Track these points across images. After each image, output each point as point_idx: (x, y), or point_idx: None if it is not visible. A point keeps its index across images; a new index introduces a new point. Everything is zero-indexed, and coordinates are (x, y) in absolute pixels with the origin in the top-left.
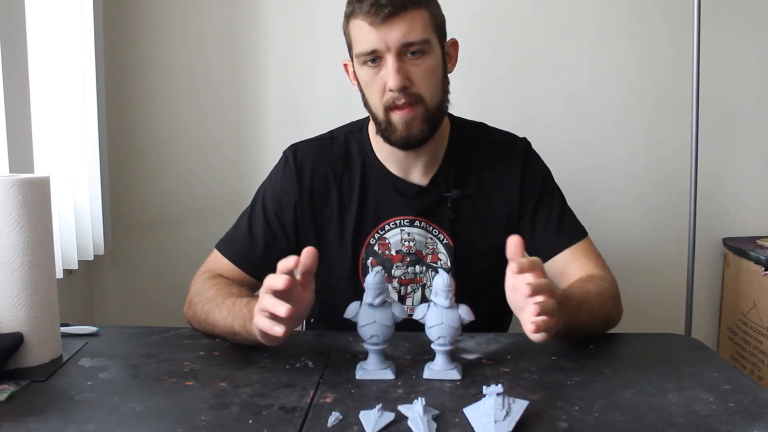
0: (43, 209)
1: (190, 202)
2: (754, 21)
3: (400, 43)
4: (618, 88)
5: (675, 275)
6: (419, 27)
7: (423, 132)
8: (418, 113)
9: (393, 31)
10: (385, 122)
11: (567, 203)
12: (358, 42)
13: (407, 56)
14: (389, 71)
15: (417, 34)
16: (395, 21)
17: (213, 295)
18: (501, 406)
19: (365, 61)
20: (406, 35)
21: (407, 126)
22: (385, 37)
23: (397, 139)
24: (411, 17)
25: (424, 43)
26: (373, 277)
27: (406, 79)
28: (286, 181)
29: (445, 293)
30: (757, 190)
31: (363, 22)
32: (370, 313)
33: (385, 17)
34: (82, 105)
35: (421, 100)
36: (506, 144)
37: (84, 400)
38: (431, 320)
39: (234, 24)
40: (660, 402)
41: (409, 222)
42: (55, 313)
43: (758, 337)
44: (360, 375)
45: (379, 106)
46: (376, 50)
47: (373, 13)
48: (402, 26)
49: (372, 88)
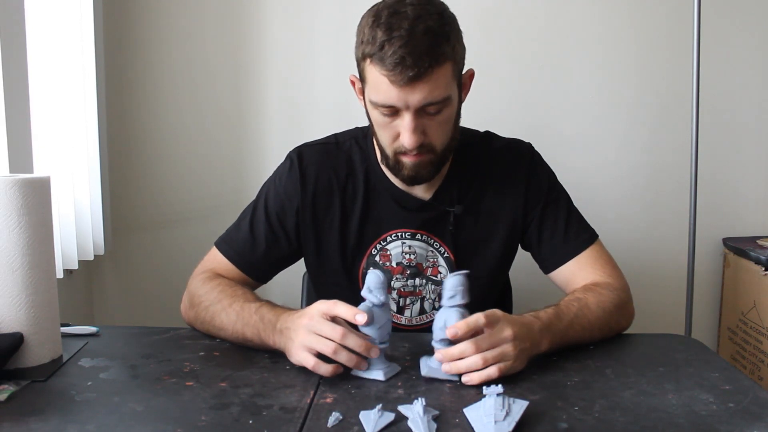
0: (43, 209)
1: (190, 202)
2: (754, 21)
3: (422, 104)
4: (618, 88)
5: (675, 275)
6: (442, 86)
7: (430, 173)
8: (427, 159)
9: (415, 93)
10: (394, 161)
11: (574, 206)
12: (375, 90)
13: (425, 112)
14: (406, 129)
15: (439, 93)
16: (418, 83)
17: (217, 297)
18: (501, 406)
19: (379, 108)
20: (428, 97)
21: (416, 168)
22: (406, 98)
23: (404, 177)
24: (435, 77)
25: (444, 100)
26: (376, 277)
27: (422, 134)
28: (290, 184)
29: (460, 294)
30: (757, 190)
31: (383, 76)
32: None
33: (409, 80)
34: (82, 105)
35: (433, 149)
36: (510, 152)
37: (84, 400)
38: (438, 321)
39: (234, 24)
40: (660, 402)
41: (411, 235)
42: (55, 313)
43: (758, 337)
44: (354, 371)
45: (389, 147)
46: (394, 106)
47: (398, 74)
48: (425, 88)
49: (384, 131)
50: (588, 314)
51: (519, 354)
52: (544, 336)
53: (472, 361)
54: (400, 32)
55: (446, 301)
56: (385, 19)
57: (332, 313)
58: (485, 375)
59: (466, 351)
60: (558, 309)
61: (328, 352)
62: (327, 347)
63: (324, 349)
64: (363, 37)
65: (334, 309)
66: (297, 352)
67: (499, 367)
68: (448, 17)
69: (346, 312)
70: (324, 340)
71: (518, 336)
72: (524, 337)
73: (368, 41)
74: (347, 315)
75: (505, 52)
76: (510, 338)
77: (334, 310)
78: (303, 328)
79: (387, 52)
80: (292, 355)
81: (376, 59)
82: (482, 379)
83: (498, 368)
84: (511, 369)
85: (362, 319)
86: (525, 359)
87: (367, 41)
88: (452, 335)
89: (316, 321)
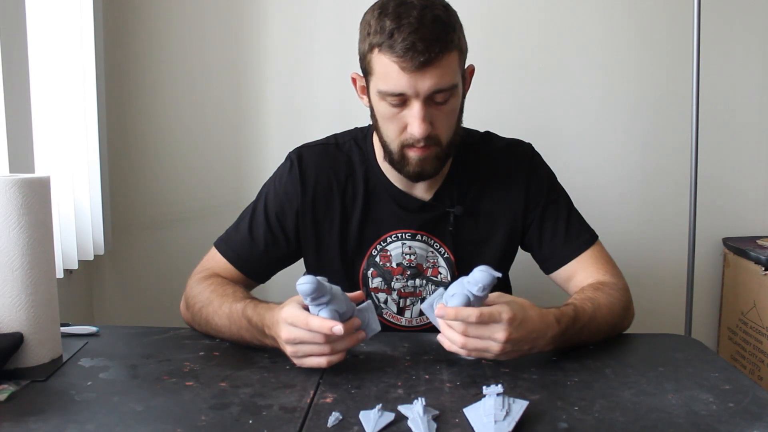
0: (43, 209)
1: (190, 202)
2: (755, 21)
3: (431, 91)
4: (618, 89)
5: (675, 275)
6: (451, 72)
7: (435, 169)
8: (433, 152)
9: (426, 79)
10: (399, 156)
11: (574, 207)
12: (383, 79)
13: (434, 101)
14: (415, 118)
15: (448, 80)
16: (428, 69)
17: (208, 298)
18: (501, 406)
19: (387, 98)
20: (438, 83)
21: (421, 163)
22: (416, 84)
23: (408, 173)
24: (445, 63)
25: (453, 87)
26: (302, 287)
27: (429, 124)
28: (290, 186)
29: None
30: (757, 190)
31: (393, 63)
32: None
33: (420, 65)
34: (82, 105)
35: (439, 142)
36: (511, 152)
37: (84, 400)
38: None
39: (234, 24)
40: (660, 402)
41: (411, 236)
42: (55, 313)
43: (758, 337)
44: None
45: (394, 141)
46: (403, 94)
47: (408, 59)
48: (435, 74)
49: (390, 124)
50: (599, 317)
51: (503, 354)
52: (553, 342)
53: (454, 338)
54: (410, 20)
55: (468, 285)
56: (393, 9)
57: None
58: (454, 349)
59: (455, 327)
60: (576, 312)
61: (323, 362)
62: (320, 359)
63: (320, 363)
64: (369, 30)
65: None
66: (298, 364)
67: (474, 355)
68: (453, 10)
69: (321, 326)
70: (313, 357)
71: (513, 340)
72: (521, 342)
73: (376, 32)
74: (323, 329)
75: (505, 52)
76: (500, 340)
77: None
78: (288, 346)
79: (397, 39)
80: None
81: (386, 47)
82: (450, 349)
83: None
84: (484, 357)
85: (339, 330)
86: (513, 357)
87: (375, 32)
88: (438, 315)
89: (292, 333)
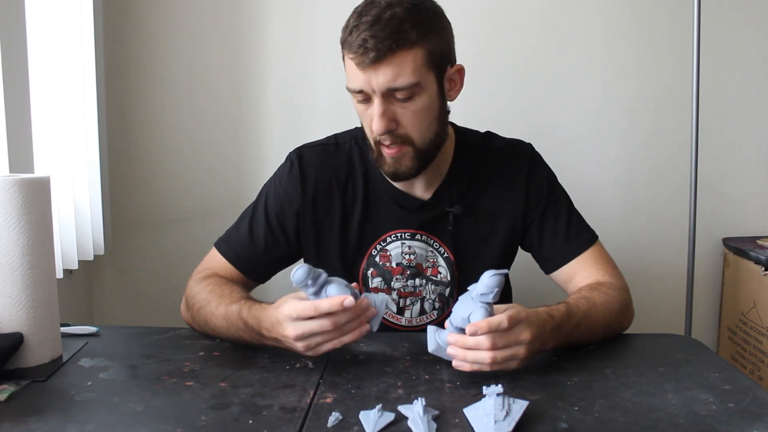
0: (43, 209)
1: (190, 202)
2: (755, 21)
3: (385, 88)
4: (618, 89)
5: (675, 275)
6: (408, 70)
7: (412, 170)
8: (406, 152)
9: (378, 76)
10: (377, 153)
11: (574, 207)
12: (349, 76)
13: (394, 98)
14: (374, 114)
15: (404, 78)
16: (381, 66)
17: (206, 298)
18: (501, 406)
19: (354, 96)
20: (391, 81)
21: (396, 163)
22: (370, 80)
23: (386, 172)
24: (399, 61)
25: (412, 86)
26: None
27: (393, 121)
28: (290, 186)
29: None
30: (757, 190)
31: (351, 60)
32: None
33: (371, 62)
34: (82, 105)
35: (410, 141)
36: (511, 152)
37: (84, 400)
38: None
39: (234, 24)
40: (660, 402)
41: (410, 235)
42: (55, 313)
43: (758, 337)
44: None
45: (369, 138)
46: (362, 91)
47: (360, 55)
48: (388, 71)
49: (363, 120)
50: (595, 315)
51: (527, 356)
52: (553, 337)
53: (482, 357)
54: (368, 18)
55: (478, 296)
56: (360, 9)
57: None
58: (477, 367)
59: (481, 345)
60: (569, 308)
61: (333, 344)
62: (329, 344)
63: (327, 347)
64: (342, 33)
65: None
66: (312, 354)
67: (499, 367)
68: (427, 9)
69: (331, 305)
70: (323, 343)
71: (533, 339)
72: (537, 339)
73: (343, 30)
74: (334, 306)
75: (505, 52)
76: (526, 341)
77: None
78: (299, 343)
79: (354, 36)
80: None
81: (346, 45)
82: (473, 370)
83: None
84: (508, 368)
85: (350, 302)
86: (528, 360)
87: (343, 30)
88: (471, 333)
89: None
